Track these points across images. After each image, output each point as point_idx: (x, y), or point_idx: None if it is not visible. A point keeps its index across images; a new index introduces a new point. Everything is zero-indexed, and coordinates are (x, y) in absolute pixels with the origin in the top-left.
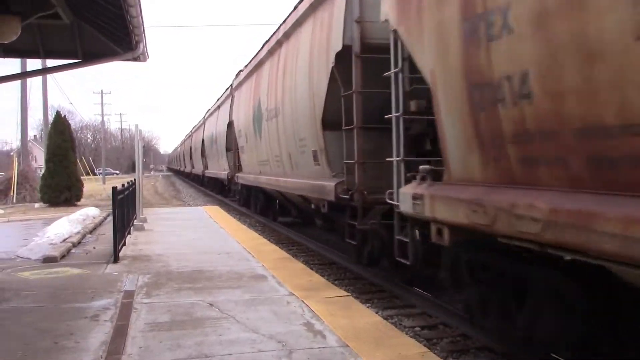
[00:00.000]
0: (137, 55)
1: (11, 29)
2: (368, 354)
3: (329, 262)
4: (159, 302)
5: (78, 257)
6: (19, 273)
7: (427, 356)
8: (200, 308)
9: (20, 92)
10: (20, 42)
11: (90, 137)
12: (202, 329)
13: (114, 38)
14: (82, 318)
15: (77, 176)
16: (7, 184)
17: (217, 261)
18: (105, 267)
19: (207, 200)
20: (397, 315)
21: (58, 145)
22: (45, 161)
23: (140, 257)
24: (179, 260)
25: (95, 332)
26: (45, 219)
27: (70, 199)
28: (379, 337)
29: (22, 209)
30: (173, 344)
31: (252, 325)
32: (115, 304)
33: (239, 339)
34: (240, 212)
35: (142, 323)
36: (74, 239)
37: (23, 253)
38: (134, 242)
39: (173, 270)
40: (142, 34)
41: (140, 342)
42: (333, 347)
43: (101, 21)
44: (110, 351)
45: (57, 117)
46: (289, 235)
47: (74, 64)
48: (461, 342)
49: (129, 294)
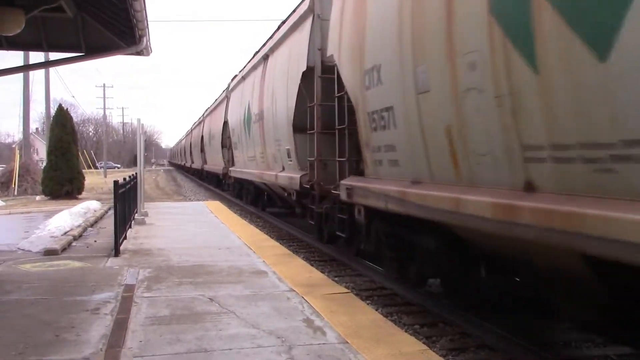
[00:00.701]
0: (141, 49)
1: (15, 22)
2: (368, 350)
3: (329, 259)
4: (160, 296)
5: (79, 250)
6: (20, 265)
7: (426, 354)
8: (201, 303)
9: (23, 85)
10: (24, 35)
11: (92, 130)
12: (202, 323)
13: (118, 32)
14: (83, 311)
15: (79, 169)
16: (8, 176)
17: (217, 256)
18: (106, 260)
19: (208, 195)
20: (397, 312)
21: (60, 138)
22: (47, 154)
23: (141, 251)
24: (180, 254)
25: (96, 325)
26: (46, 211)
27: (71, 192)
28: (379, 334)
29: (24, 201)
30: (173, 338)
31: (252, 320)
32: (115, 298)
33: (239, 334)
34: (241, 207)
35: (142, 317)
36: (75, 232)
37: (24, 245)
38: (135, 236)
39: (174, 264)
40: (145, 28)
41: (141, 335)
42: (333, 343)
43: (105, 15)
44: (111, 344)
45: (60, 110)
46: (289, 232)
47: (77, 58)
48: (461, 340)
49: (130, 288)
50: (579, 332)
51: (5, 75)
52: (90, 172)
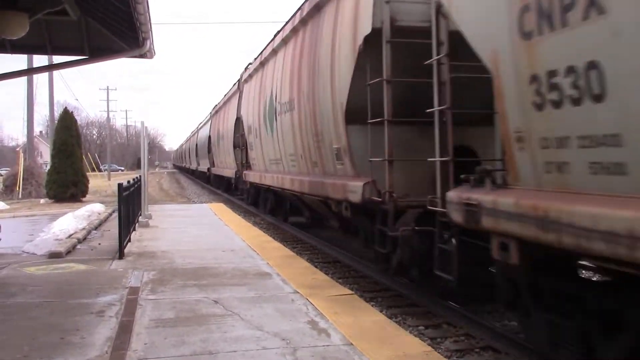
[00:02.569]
0: (144, 52)
1: (19, 25)
2: (372, 352)
3: (333, 261)
4: (164, 299)
5: (83, 253)
6: (25, 268)
7: (431, 355)
8: (205, 305)
9: (27, 88)
10: (28, 38)
11: (95, 133)
12: (206, 325)
13: (121, 35)
14: (88, 314)
15: (83, 172)
16: (12, 180)
17: (222, 258)
18: (111, 263)
19: (212, 198)
20: (401, 313)
21: (64, 141)
22: (52, 157)
23: (145, 254)
24: (184, 257)
25: (101, 328)
26: (50, 214)
27: (76, 195)
28: (383, 335)
29: (28, 204)
30: (178, 340)
31: (256, 322)
32: (120, 300)
33: (243, 336)
34: (245, 209)
35: (147, 319)
36: (80, 234)
37: (29, 248)
38: (139, 239)
39: (178, 266)
40: (149, 30)
41: (145, 338)
42: (337, 345)
43: (108, 18)
44: (116, 347)
45: (64, 113)
46: (293, 233)
47: (80, 61)
48: (465, 342)
49: (134, 290)
50: None
51: (10, 79)
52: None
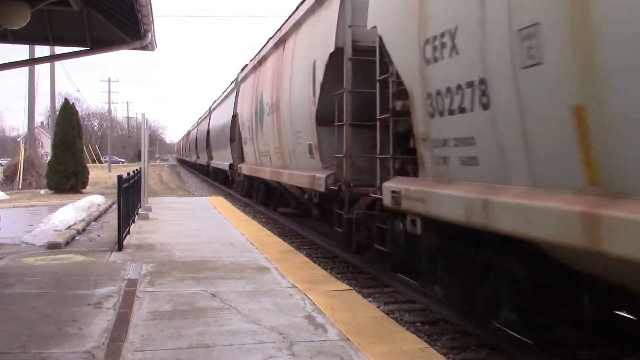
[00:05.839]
0: (146, 44)
1: (20, 16)
2: (369, 348)
3: (331, 256)
4: (162, 291)
5: (82, 244)
6: (24, 259)
7: (427, 352)
8: (203, 298)
9: (28, 78)
10: (29, 29)
11: (96, 124)
12: (204, 319)
13: (123, 26)
14: (86, 305)
15: (84, 163)
16: (13, 170)
17: (220, 252)
18: (109, 255)
19: (212, 191)
20: (399, 310)
21: (65, 132)
22: (52, 148)
23: (144, 246)
24: (183, 249)
25: (98, 319)
26: (50, 205)
27: (76, 186)
28: (379, 331)
29: (28, 194)
30: (175, 333)
31: (253, 316)
32: (118, 292)
33: (240, 329)
34: (244, 203)
35: (144, 311)
36: (79, 226)
37: (28, 239)
38: (138, 231)
39: (177, 259)
40: (150, 22)
41: (142, 330)
42: (334, 340)
43: (110, 9)
44: (113, 338)
45: (65, 104)
46: (292, 228)
47: (82, 52)
48: (462, 339)
49: (132, 283)
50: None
51: (11, 69)
52: (95, 166)
